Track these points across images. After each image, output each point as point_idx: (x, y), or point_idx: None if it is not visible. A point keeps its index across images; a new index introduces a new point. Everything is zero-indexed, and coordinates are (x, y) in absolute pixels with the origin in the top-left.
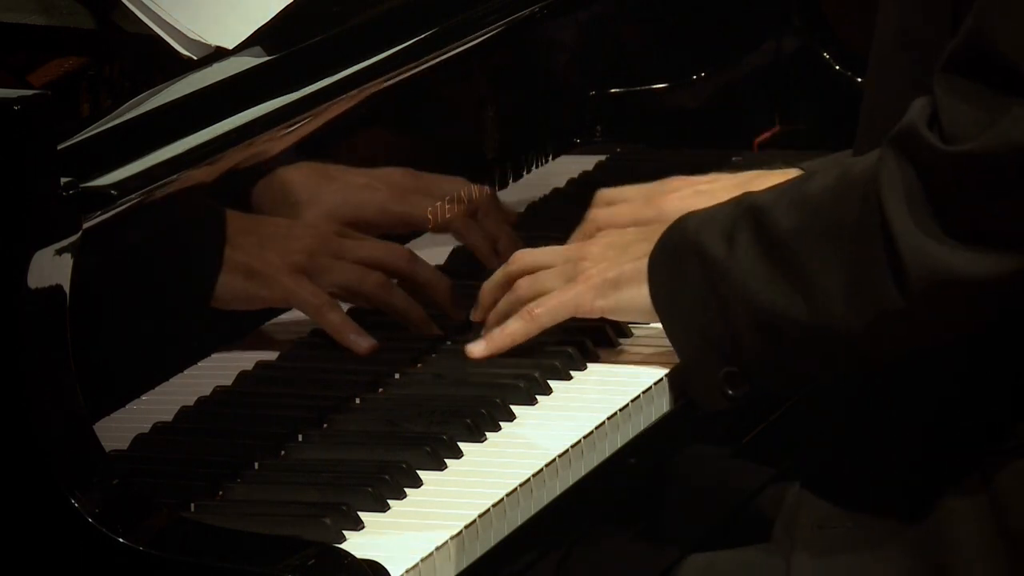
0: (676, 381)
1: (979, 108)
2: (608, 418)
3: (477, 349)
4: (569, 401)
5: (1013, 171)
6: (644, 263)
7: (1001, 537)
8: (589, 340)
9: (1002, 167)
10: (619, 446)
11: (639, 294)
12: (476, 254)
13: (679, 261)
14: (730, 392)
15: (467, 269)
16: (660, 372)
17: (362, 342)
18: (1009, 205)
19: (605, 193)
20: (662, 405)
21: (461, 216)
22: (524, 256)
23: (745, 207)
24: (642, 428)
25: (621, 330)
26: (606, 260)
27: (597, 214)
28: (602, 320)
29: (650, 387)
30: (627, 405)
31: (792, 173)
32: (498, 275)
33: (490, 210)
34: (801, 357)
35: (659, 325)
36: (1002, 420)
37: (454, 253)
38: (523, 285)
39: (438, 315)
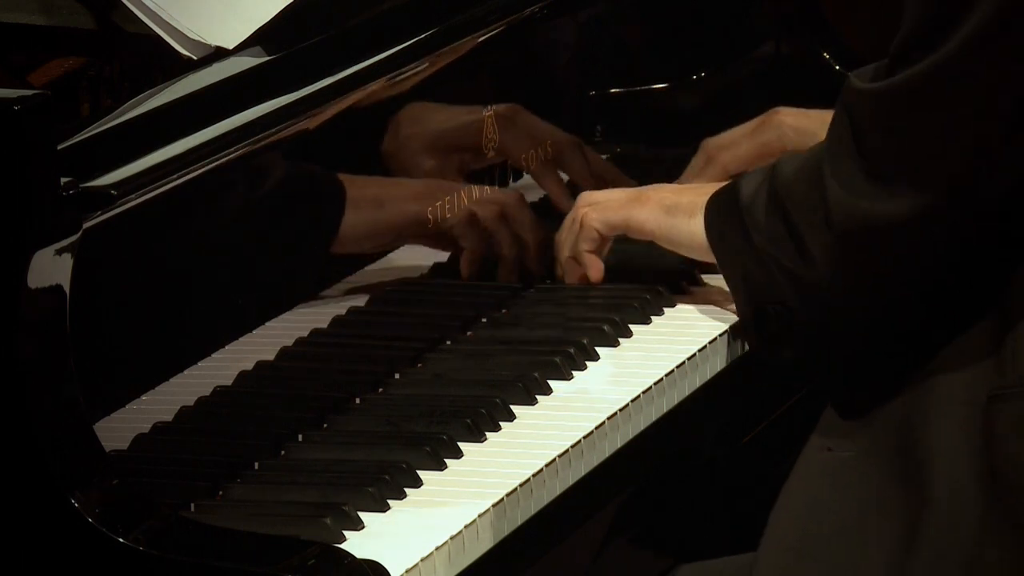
0: (676, 381)
1: (900, 48)
2: (608, 418)
3: (587, 277)
4: (569, 401)
5: (913, 105)
6: (702, 199)
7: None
8: (589, 340)
9: (903, 101)
10: (619, 446)
11: (692, 223)
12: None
13: (726, 202)
14: (777, 328)
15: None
16: (661, 372)
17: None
18: (913, 142)
19: (710, 143)
20: (663, 404)
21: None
22: (586, 195)
23: (775, 162)
24: (642, 428)
25: (621, 330)
26: (670, 191)
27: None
28: (603, 319)
29: (650, 387)
30: (627, 405)
31: None
32: (567, 217)
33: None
34: (806, 299)
35: (664, 318)
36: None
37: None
38: (580, 209)
39: (437, 317)
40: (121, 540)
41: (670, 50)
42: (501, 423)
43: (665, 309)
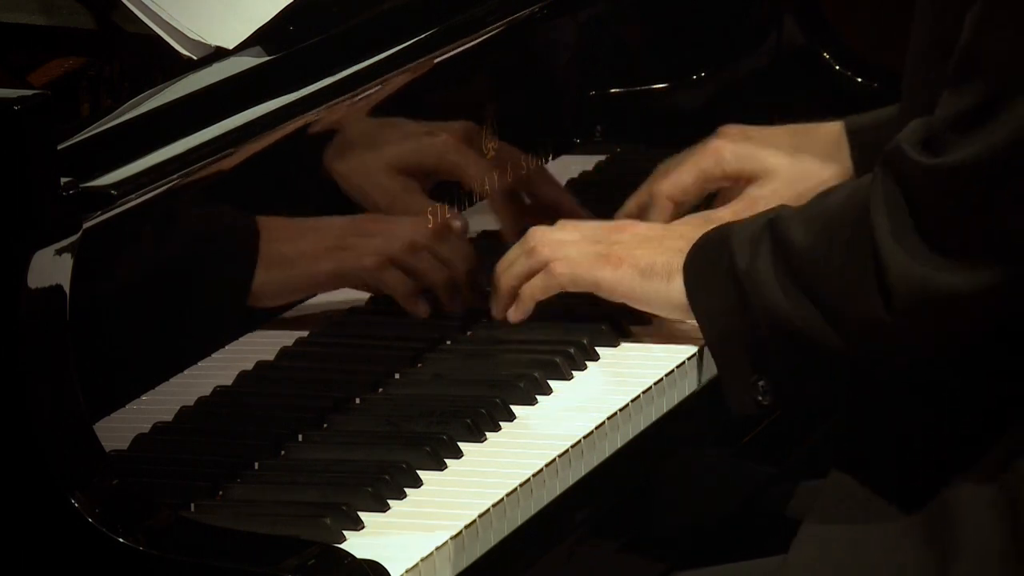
0: (676, 381)
1: (962, 120)
2: (608, 418)
3: (510, 314)
4: (569, 401)
5: (987, 182)
6: (679, 258)
7: (1015, 542)
8: (589, 340)
9: (977, 178)
10: (619, 446)
11: (670, 287)
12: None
13: (711, 263)
14: (760, 399)
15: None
16: (661, 372)
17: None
18: (987, 217)
19: (662, 185)
20: (663, 405)
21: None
22: (542, 231)
23: (771, 218)
24: (642, 428)
25: (622, 330)
26: (640, 248)
27: (661, 188)
28: (602, 319)
29: (650, 387)
30: (627, 405)
31: (836, 126)
32: (514, 250)
33: (542, 183)
34: (815, 370)
35: (661, 325)
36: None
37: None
38: (544, 251)
39: (437, 317)
40: (121, 540)
41: (670, 50)
42: (501, 423)
43: None
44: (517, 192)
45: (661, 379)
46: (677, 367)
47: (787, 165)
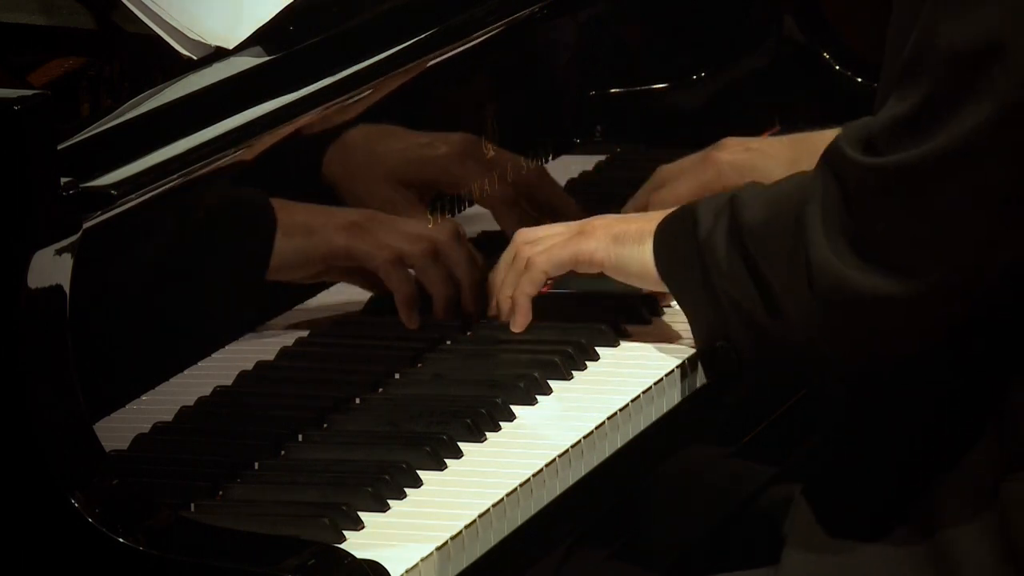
0: (676, 381)
1: (900, 122)
2: (608, 418)
3: (512, 324)
4: (569, 401)
5: (917, 186)
6: (651, 225)
7: (1007, 559)
8: (589, 340)
9: (908, 181)
10: (619, 446)
11: (642, 251)
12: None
13: (679, 232)
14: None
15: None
16: (660, 372)
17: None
18: (909, 225)
19: (663, 170)
20: (662, 405)
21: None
22: (522, 232)
23: (733, 194)
24: (642, 428)
25: (621, 330)
26: (617, 222)
27: (660, 198)
28: (602, 319)
29: (650, 387)
30: (627, 405)
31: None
32: (501, 260)
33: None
34: (764, 347)
35: (664, 317)
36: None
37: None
38: (524, 250)
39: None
40: (121, 540)
41: (670, 50)
42: (501, 423)
43: (665, 309)
44: (517, 199)
45: (661, 379)
46: (677, 367)
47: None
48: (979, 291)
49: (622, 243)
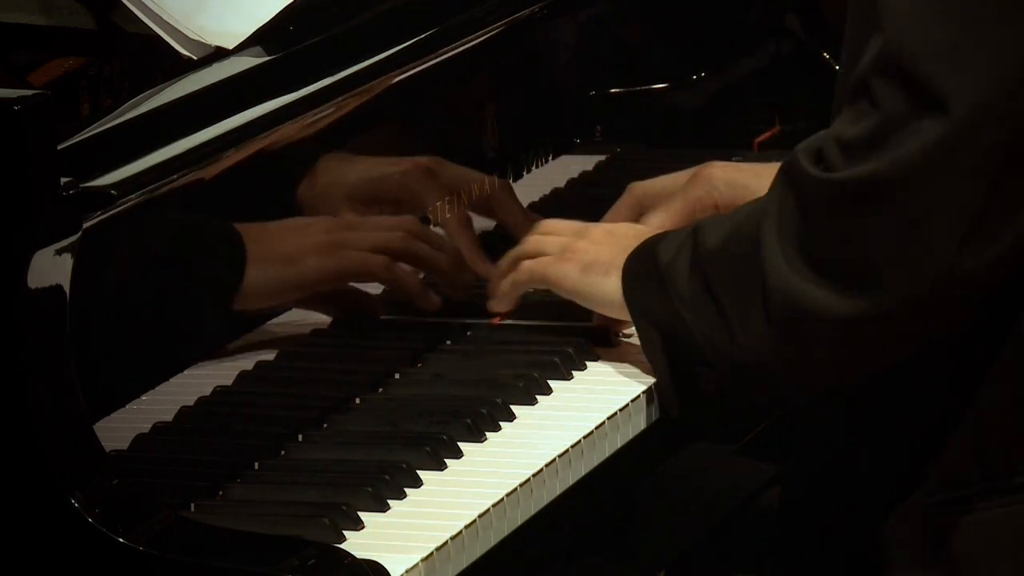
0: None
1: (857, 137)
2: (608, 418)
3: (494, 303)
4: (569, 401)
5: (873, 202)
6: (621, 256)
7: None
8: (589, 339)
9: (863, 196)
10: (619, 446)
11: (607, 282)
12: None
13: (642, 262)
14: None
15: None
16: None
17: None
18: (872, 241)
19: (636, 187)
20: (663, 405)
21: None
22: (545, 223)
23: (696, 224)
24: (643, 428)
25: (621, 331)
26: (594, 246)
27: (650, 222)
28: (602, 319)
29: (651, 386)
30: (627, 405)
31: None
32: (519, 247)
33: (506, 203)
34: (725, 373)
35: None
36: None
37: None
38: (530, 241)
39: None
40: (121, 540)
41: (670, 50)
42: (501, 423)
43: None
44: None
45: None
46: None
47: None
48: (942, 305)
49: (588, 273)
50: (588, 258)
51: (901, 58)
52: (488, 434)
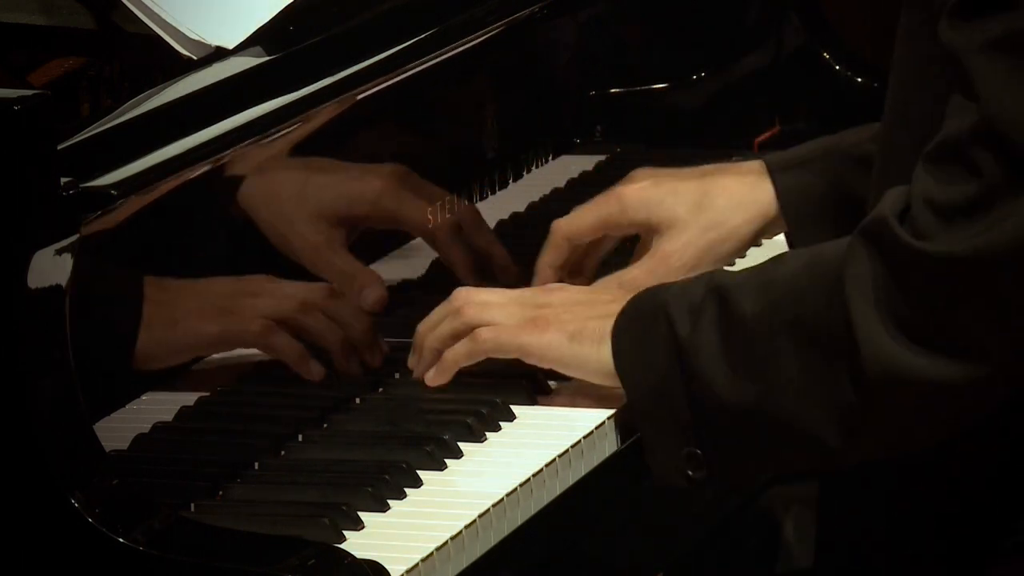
0: None
1: (955, 205)
2: (609, 417)
3: (429, 376)
4: (569, 400)
5: (984, 278)
6: (608, 323)
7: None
8: None
9: (973, 273)
10: (619, 446)
11: (598, 353)
12: (455, 270)
13: (645, 330)
14: (690, 473)
15: (443, 283)
16: None
17: (314, 368)
18: (976, 311)
19: (561, 222)
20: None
21: (445, 228)
22: (468, 292)
23: (714, 285)
24: None
25: None
26: (569, 312)
27: (559, 226)
28: None
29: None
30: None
31: (754, 166)
32: (438, 311)
33: (474, 227)
34: (757, 447)
35: None
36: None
37: (433, 265)
38: (469, 312)
39: None
40: (121, 540)
41: (670, 50)
42: (501, 423)
43: None
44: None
45: None
46: None
47: (695, 214)
48: None
49: (579, 342)
50: (572, 327)
51: (1006, 132)
52: (488, 434)
